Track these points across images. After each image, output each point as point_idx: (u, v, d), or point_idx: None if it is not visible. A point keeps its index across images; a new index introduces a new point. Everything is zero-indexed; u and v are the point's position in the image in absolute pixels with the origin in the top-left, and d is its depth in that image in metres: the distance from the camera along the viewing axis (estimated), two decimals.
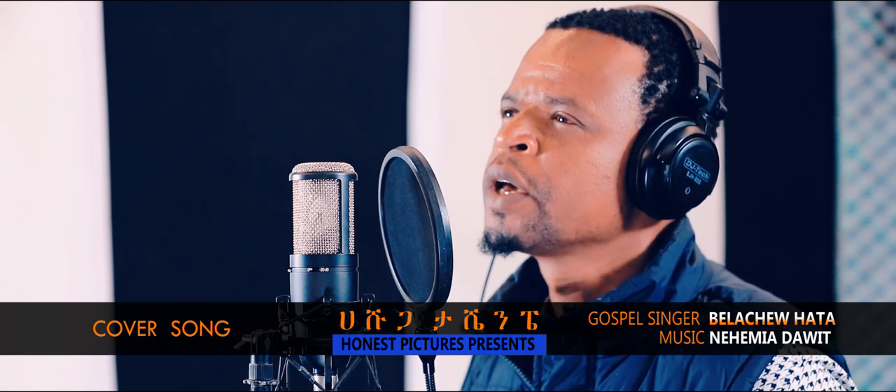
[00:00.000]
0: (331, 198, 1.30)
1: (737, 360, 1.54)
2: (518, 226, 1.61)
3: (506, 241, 1.62)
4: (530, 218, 1.61)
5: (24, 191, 2.74)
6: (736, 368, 1.54)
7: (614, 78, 1.61)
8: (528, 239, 1.61)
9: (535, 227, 1.61)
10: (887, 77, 3.07)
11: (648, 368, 1.59)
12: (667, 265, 1.62)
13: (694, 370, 1.56)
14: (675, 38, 1.65)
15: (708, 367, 1.55)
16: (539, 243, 1.62)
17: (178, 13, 2.82)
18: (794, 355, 1.55)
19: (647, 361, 1.59)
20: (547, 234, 1.61)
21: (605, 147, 1.61)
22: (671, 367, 1.57)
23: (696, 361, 1.56)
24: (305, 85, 2.86)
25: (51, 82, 2.74)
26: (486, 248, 1.64)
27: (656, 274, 1.62)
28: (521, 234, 1.61)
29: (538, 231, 1.61)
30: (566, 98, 1.60)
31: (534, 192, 1.60)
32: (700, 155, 1.61)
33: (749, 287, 1.64)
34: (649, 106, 1.62)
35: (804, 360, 1.55)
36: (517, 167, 1.61)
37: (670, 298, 1.61)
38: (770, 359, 1.54)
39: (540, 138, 1.61)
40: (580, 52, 1.62)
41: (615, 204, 1.62)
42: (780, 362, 1.54)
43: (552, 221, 1.60)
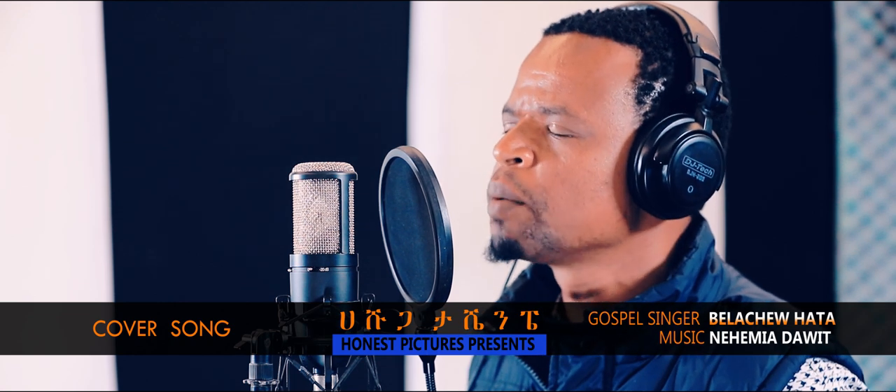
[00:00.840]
0: (331, 197, 1.30)
1: (759, 373, 1.53)
2: (516, 231, 1.60)
3: (506, 246, 1.61)
4: (526, 225, 1.59)
5: (24, 191, 2.74)
6: (758, 382, 1.53)
7: (606, 81, 1.59)
8: (528, 247, 1.60)
9: (534, 235, 1.59)
10: (887, 77, 3.07)
11: (668, 375, 1.57)
12: (690, 273, 1.61)
13: (716, 381, 1.54)
14: (671, 34, 1.62)
15: (729, 378, 1.54)
16: (542, 252, 1.60)
17: (178, 13, 2.82)
18: (817, 372, 1.53)
19: (667, 368, 1.57)
20: (548, 241, 1.59)
21: (601, 153, 1.59)
22: (692, 376, 1.56)
23: (717, 372, 1.54)
24: (305, 85, 2.86)
25: (51, 82, 2.74)
26: (491, 255, 1.63)
27: (680, 282, 1.60)
28: (520, 239, 1.60)
29: (538, 239, 1.59)
30: (558, 107, 1.59)
31: (529, 203, 1.59)
32: (700, 151, 1.58)
33: (767, 296, 1.62)
34: (645, 106, 1.60)
35: (826, 378, 1.53)
36: (513, 181, 1.60)
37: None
38: (792, 375, 1.53)
39: (535, 150, 1.59)
40: (571, 59, 1.60)
41: (617, 209, 1.60)
42: (802, 379, 1.53)
43: (551, 230, 1.59)
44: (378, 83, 2.90)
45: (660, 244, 1.64)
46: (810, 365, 1.53)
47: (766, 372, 1.53)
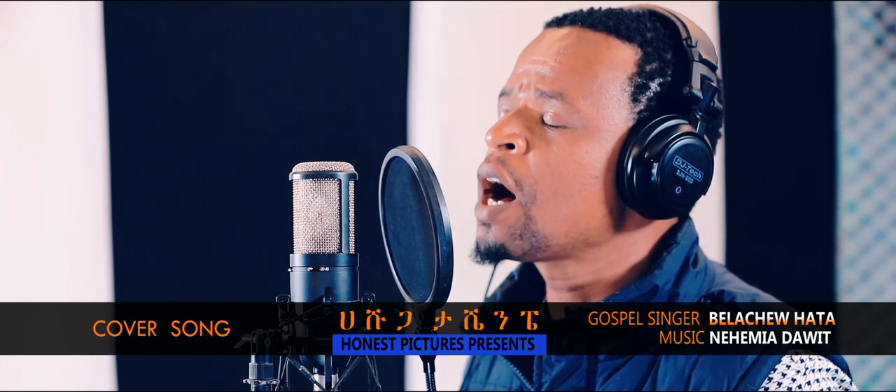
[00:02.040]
0: (331, 197, 1.30)
1: (739, 366, 1.53)
2: (504, 235, 1.60)
3: (493, 250, 1.61)
4: (515, 226, 1.60)
5: (24, 191, 2.74)
6: (738, 374, 1.53)
7: (604, 75, 1.60)
8: (516, 248, 1.61)
9: (523, 235, 1.60)
10: (887, 76, 3.07)
11: (650, 372, 1.58)
12: (670, 269, 1.61)
13: (696, 376, 1.55)
14: (671, 37, 1.63)
15: (710, 373, 1.54)
16: (529, 251, 1.61)
17: (178, 13, 2.82)
18: (798, 363, 1.54)
19: (649, 365, 1.58)
20: (535, 241, 1.60)
21: (593, 146, 1.59)
22: (673, 371, 1.56)
23: (698, 366, 1.55)
24: (305, 85, 2.86)
25: (51, 82, 2.74)
26: (476, 257, 1.64)
27: (660, 277, 1.60)
28: (507, 242, 1.61)
29: (526, 239, 1.60)
30: (556, 92, 1.60)
31: (519, 195, 1.59)
32: (691, 154, 1.58)
33: (751, 290, 1.62)
34: (640, 104, 1.60)
35: (807, 369, 1.53)
36: (505, 167, 1.60)
37: (673, 301, 1.60)
38: (773, 367, 1.53)
39: (528, 137, 1.60)
40: (571, 50, 1.62)
41: (604, 205, 1.60)
42: (783, 371, 1.53)
43: (539, 227, 1.59)
44: (378, 83, 2.90)
45: (643, 241, 1.64)
46: (791, 357, 1.54)
47: (747, 365, 1.53)
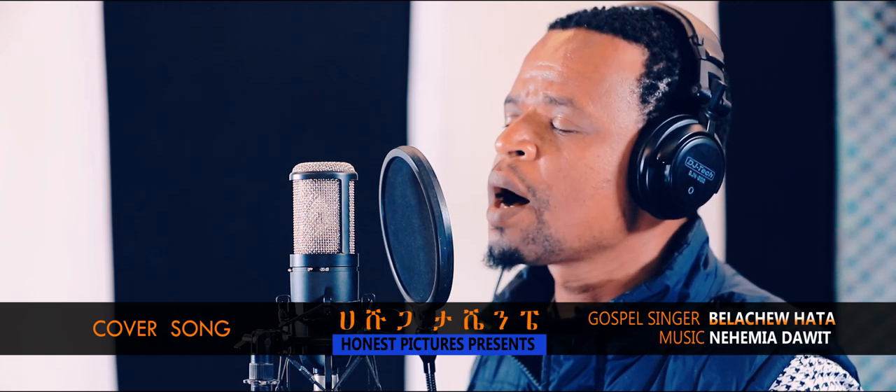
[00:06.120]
0: (331, 197, 1.30)
1: (748, 368, 1.53)
2: (518, 238, 1.60)
3: (507, 254, 1.61)
4: (529, 230, 1.59)
5: (24, 191, 2.74)
6: (747, 376, 1.53)
7: (612, 77, 1.59)
8: (529, 252, 1.60)
9: (536, 239, 1.59)
10: (887, 77, 3.07)
11: (658, 372, 1.57)
12: (681, 269, 1.61)
13: (705, 377, 1.54)
14: (677, 35, 1.62)
15: (719, 374, 1.54)
16: (542, 255, 1.60)
17: (178, 13, 2.82)
18: (806, 366, 1.53)
19: (657, 365, 1.57)
20: (549, 244, 1.59)
21: (604, 149, 1.59)
22: (681, 372, 1.56)
23: (706, 367, 1.54)
24: (305, 85, 2.86)
25: (51, 82, 2.74)
26: (490, 262, 1.63)
27: (670, 278, 1.60)
28: (521, 246, 1.60)
29: (539, 243, 1.59)
30: (565, 98, 1.59)
31: (532, 201, 1.59)
32: (702, 153, 1.58)
33: (761, 292, 1.62)
34: (649, 105, 1.60)
35: (816, 372, 1.53)
36: (516, 174, 1.60)
37: (683, 302, 1.60)
38: (781, 370, 1.52)
39: (538, 143, 1.59)
40: (578, 53, 1.60)
41: (617, 207, 1.60)
42: (792, 373, 1.53)
43: (552, 231, 1.59)
44: (378, 83, 2.90)
45: (654, 241, 1.64)
46: (800, 360, 1.53)
47: (756, 367, 1.53)
